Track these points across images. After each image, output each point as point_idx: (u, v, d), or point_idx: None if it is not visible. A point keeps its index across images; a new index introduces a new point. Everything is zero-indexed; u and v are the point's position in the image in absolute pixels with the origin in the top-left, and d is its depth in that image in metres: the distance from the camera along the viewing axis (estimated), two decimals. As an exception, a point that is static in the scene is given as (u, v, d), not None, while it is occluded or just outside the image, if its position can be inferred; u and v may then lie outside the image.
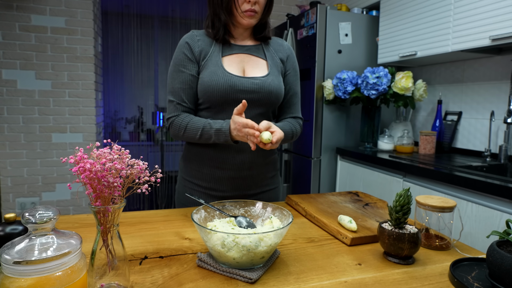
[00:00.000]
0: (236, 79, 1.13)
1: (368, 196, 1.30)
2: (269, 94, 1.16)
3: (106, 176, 0.60)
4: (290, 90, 1.26)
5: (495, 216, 1.40)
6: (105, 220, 0.63)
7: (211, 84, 1.11)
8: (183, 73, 1.15)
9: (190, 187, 1.25)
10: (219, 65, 1.14)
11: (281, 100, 1.23)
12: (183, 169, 1.29)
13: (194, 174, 1.25)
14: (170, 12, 4.09)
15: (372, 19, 2.58)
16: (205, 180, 1.23)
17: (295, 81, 1.28)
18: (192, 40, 1.17)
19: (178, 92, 1.15)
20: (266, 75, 1.17)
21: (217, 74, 1.12)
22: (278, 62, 1.24)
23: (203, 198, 1.24)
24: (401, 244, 0.79)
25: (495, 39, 1.64)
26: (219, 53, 1.16)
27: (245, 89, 1.13)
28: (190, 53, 1.16)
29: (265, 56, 1.22)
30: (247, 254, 0.71)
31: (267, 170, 1.27)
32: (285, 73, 1.26)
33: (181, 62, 1.16)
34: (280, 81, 1.21)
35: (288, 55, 1.27)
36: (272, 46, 1.26)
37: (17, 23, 2.79)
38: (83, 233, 0.94)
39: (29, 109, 2.88)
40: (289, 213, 0.82)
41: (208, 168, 1.21)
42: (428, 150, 2.17)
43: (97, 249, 0.65)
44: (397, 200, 0.82)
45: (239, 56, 1.19)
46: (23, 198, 2.93)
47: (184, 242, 0.89)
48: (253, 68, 1.19)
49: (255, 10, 1.12)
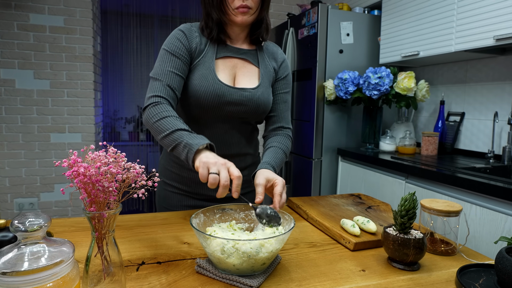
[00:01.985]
0: (226, 89, 1.07)
1: (370, 198, 1.27)
2: (257, 107, 1.12)
3: (101, 181, 0.58)
4: (279, 98, 1.20)
5: (499, 219, 1.38)
6: (100, 226, 0.61)
7: (199, 89, 1.06)
8: (178, 59, 1.05)
9: (170, 191, 1.21)
10: (211, 69, 1.08)
11: (268, 111, 1.18)
12: (163, 171, 1.23)
13: (174, 177, 1.20)
14: (170, 11, 4.06)
15: (374, 18, 2.55)
16: (185, 184, 1.19)
17: (286, 89, 1.22)
18: (190, 33, 1.10)
19: (168, 75, 1.03)
20: (256, 87, 1.12)
21: (207, 79, 1.06)
22: (271, 70, 1.19)
23: (185, 202, 1.20)
24: (406, 250, 0.77)
25: (500, 39, 1.62)
26: (213, 55, 1.10)
27: (233, 101, 1.08)
28: (186, 43, 1.07)
29: (258, 64, 1.17)
30: (248, 261, 0.68)
31: (250, 173, 1.23)
32: (276, 80, 1.20)
33: (175, 48, 1.06)
34: (269, 93, 1.16)
35: (281, 62, 1.21)
36: (266, 53, 1.20)
37: (15, 22, 2.77)
38: (80, 237, 0.91)
39: (28, 109, 2.86)
40: (291, 217, 0.79)
41: (187, 171, 1.17)
42: (430, 151, 2.14)
43: (92, 256, 0.62)
44: (402, 205, 0.79)
45: (232, 60, 1.14)
46: (21, 198, 2.90)
47: (183, 246, 0.87)
48: (244, 77, 1.13)
49: (248, 5, 1.04)
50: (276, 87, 1.21)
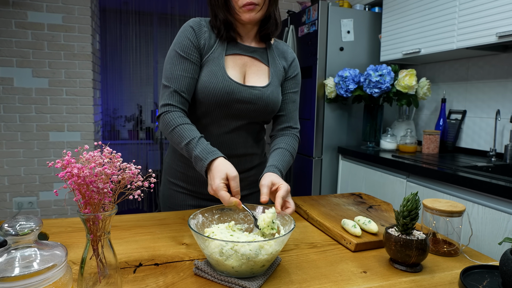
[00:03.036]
0: (235, 86, 1.05)
1: (371, 198, 1.26)
2: (266, 106, 1.10)
3: (96, 182, 0.56)
4: (288, 98, 1.19)
5: (502, 219, 1.37)
6: (95, 228, 0.59)
7: (208, 86, 1.04)
8: (187, 60, 1.04)
9: (175, 190, 1.20)
10: (221, 66, 1.06)
11: (276, 111, 1.16)
12: (167, 170, 1.23)
13: (179, 176, 1.19)
14: (169, 9, 4.03)
15: (375, 15, 2.53)
16: (190, 183, 1.18)
17: (295, 89, 1.20)
18: (199, 28, 1.07)
19: (178, 79, 1.03)
20: (266, 86, 1.10)
21: (217, 76, 1.04)
22: (281, 69, 1.16)
23: (189, 201, 1.19)
24: (409, 251, 0.75)
25: (502, 36, 1.60)
26: (223, 51, 1.08)
27: (243, 99, 1.06)
28: (196, 40, 1.05)
29: (268, 62, 1.15)
30: (247, 263, 0.67)
31: (256, 173, 1.22)
32: (285, 79, 1.18)
33: (185, 48, 1.04)
34: (279, 92, 1.14)
35: (291, 61, 1.19)
36: (276, 51, 1.18)
37: (13, 20, 2.75)
38: (77, 238, 0.90)
39: (26, 108, 2.84)
40: (291, 218, 0.78)
41: (193, 170, 1.16)
42: (431, 150, 2.13)
43: (87, 258, 0.61)
44: (404, 205, 0.78)
45: (242, 58, 1.11)
46: (20, 197, 2.89)
47: (181, 248, 0.85)
48: (254, 75, 1.12)
49: (254, 2, 1.01)
50: (285, 87, 1.19)
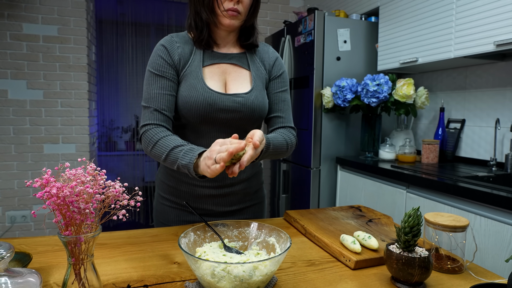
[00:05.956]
0: (217, 96, 1.03)
1: (371, 211, 1.22)
2: (252, 112, 1.07)
3: (77, 201, 0.53)
4: (277, 98, 1.15)
5: (505, 231, 1.33)
6: (78, 250, 0.55)
7: (189, 101, 1.02)
8: (163, 77, 1.03)
9: (168, 205, 1.17)
10: (199, 78, 1.04)
11: (265, 116, 1.13)
12: (160, 185, 1.20)
13: (171, 191, 1.16)
14: (166, 20, 4.03)
15: (371, 25, 2.52)
16: (183, 198, 1.14)
17: (283, 88, 1.16)
18: (171, 45, 1.06)
19: (156, 97, 1.02)
20: (249, 91, 1.07)
21: (197, 89, 1.02)
22: (263, 72, 1.14)
23: (182, 217, 1.16)
24: (411, 270, 0.71)
25: (500, 45, 1.58)
26: (199, 63, 1.06)
27: (226, 108, 1.04)
28: (169, 58, 1.04)
29: (249, 67, 1.12)
30: (240, 285, 0.63)
31: (250, 185, 1.18)
32: (270, 79, 1.15)
33: (159, 67, 1.03)
34: (264, 96, 1.11)
35: (273, 61, 1.16)
36: (256, 54, 1.15)
37: (8, 32, 2.73)
38: (63, 258, 0.86)
39: (20, 120, 2.81)
40: (287, 235, 0.74)
41: (185, 185, 1.13)
42: (431, 159, 2.10)
43: (69, 283, 0.57)
44: (405, 221, 0.74)
45: (220, 66, 1.09)
46: (13, 211, 2.84)
47: (172, 267, 0.81)
48: (235, 82, 1.09)
49: (238, 10, 1.01)
50: (272, 87, 1.15)
